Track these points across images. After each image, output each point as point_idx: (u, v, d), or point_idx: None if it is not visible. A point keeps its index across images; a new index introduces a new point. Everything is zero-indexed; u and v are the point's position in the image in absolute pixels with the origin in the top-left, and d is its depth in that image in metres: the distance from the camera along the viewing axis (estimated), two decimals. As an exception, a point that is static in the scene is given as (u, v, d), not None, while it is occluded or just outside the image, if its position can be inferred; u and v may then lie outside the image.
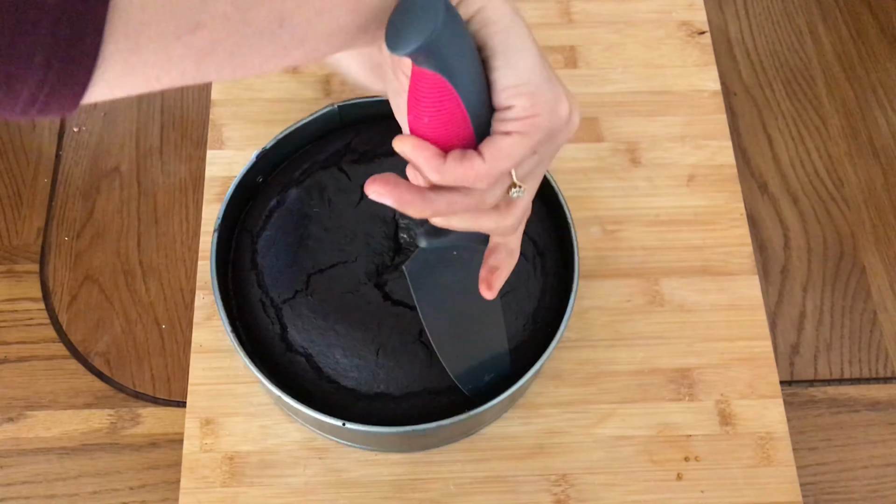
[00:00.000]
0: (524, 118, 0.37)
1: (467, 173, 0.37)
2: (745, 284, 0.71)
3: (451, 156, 0.37)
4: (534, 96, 0.36)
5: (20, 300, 0.71)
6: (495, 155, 0.37)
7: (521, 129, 0.37)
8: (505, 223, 0.41)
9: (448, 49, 0.35)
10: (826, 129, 0.80)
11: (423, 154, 0.38)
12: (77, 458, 0.65)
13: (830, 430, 0.68)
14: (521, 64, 0.36)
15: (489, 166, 0.37)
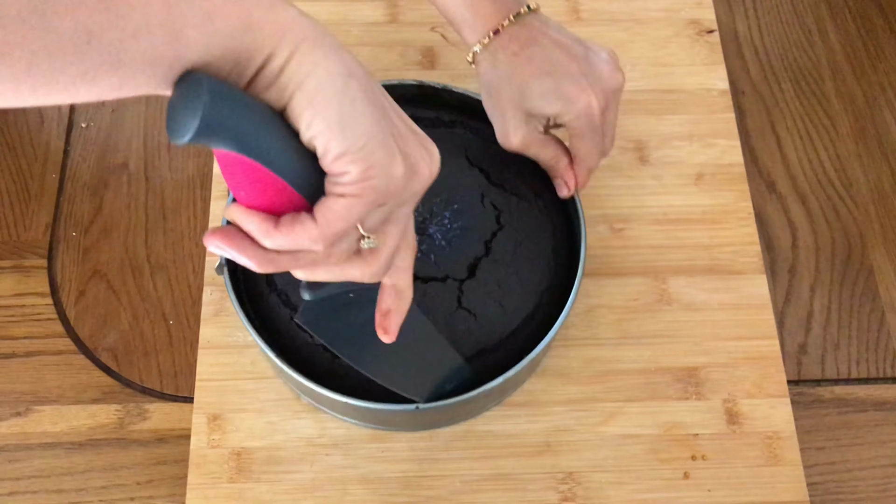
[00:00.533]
0: (357, 182, 0.37)
1: (300, 237, 0.37)
2: (752, 283, 0.71)
3: (283, 221, 0.37)
4: (366, 161, 0.36)
5: (28, 295, 0.71)
6: (328, 217, 0.37)
7: (354, 192, 0.37)
8: (371, 270, 0.41)
9: (236, 126, 0.35)
10: (834, 129, 0.80)
11: (251, 221, 0.37)
12: (85, 453, 0.65)
13: (837, 430, 0.68)
14: (351, 132, 0.36)
15: (321, 229, 0.37)
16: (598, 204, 0.74)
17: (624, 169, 0.76)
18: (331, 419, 0.65)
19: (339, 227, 0.37)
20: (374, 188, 0.37)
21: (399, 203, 0.40)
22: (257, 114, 0.36)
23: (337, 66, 0.36)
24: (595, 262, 0.72)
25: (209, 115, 0.33)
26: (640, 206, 0.74)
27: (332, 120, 0.36)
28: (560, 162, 0.61)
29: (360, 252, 0.40)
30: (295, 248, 0.38)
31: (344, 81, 0.36)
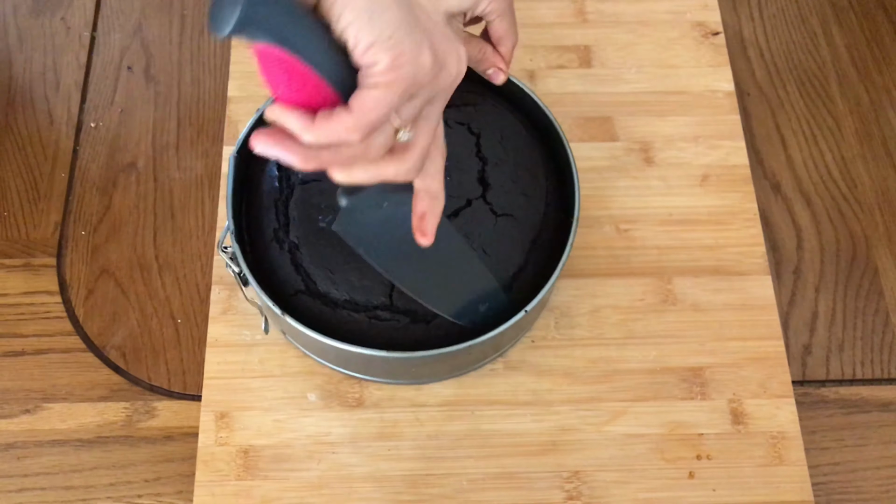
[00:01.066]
0: (387, 71, 0.38)
1: (336, 128, 0.38)
2: (757, 284, 0.72)
3: (320, 114, 0.38)
4: (394, 49, 0.37)
5: (37, 293, 0.71)
6: (361, 108, 0.38)
7: (386, 81, 0.38)
8: (406, 166, 0.42)
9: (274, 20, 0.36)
10: (840, 131, 0.80)
11: (290, 117, 0.38)
12: (93, 451, 0.66)
13: (842, 431, 0.68)
14: (378, 21, 0.37)
15: (356, 119, 0.38)
16: (603, 204, 0.74)
17: (630, 170, 0.76)
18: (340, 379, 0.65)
19: (374, 117, 0.38)
20: (404, 77, 0.38)
21: (429, 97, 0.41)
22: (292, 8, 0.37)
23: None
24: (601, 262, 0.72)
25: (249, 9, 0.35)
26: (645, 207, 0.74)
27: (360, 10, 0.37)
28: (485, 51, 0.61)
29: (394, 149, 0.41)
30: (333, 140, 0.39)
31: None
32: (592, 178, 0.75)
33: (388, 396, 0.66)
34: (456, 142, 0.62)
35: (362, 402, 0.66)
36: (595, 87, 0.79)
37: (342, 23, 0.38)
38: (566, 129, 0.77)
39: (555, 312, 0.70)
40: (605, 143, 0.77)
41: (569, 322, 0.69)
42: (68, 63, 0.82)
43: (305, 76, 0.38)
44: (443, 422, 0.66)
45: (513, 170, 0.62)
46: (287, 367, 0.67)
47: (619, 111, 0.78)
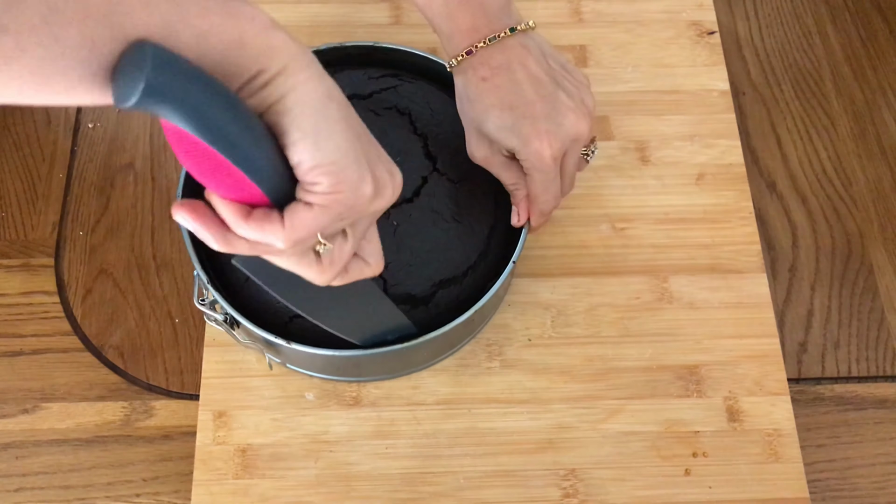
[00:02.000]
0: (326, 194, 0.38)
1: (266, 234, 0.38)
2: (753, 282, 0.72)
3: (255, 214, 0.38)
4: (336, 176, 0.38)
5: (35, 293, 0.72)
6: (295, 224, 0.38)
7: (323, 202, 0.38)
8: (324, 276, 0.43)
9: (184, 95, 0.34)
10: (834, 129, 0.81)
11: (226, 211, 0.38)
12: (91, 450, 0.66)
13: (837, 428, 0.68)
14: (324, 146, 0.37)
15: (287, 232, 0.39)
16: (599, 203, 0.75)
17: (625, 169, 0.76)
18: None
19: (304, 234, 0.39)
20: (341, 202, 0.39)
21: (360, 218, 0.42)
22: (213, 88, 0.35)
23: (319, 87, 0.38)
24: (597, 260, 0.72)
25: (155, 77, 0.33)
26: (641, 206, 0.75)
27: (307, 132, 0.37)
28: (518, 190, 0.61)
29: (318, 256, 0.42)
30: (260, 241, 0.39)
31: (323, 101, 0.38)
32: (588, 178, 0.75)
33: (386, 395, 0.67)
34: (390, 125, 0.63)
35: (360, 401, 0.66)
36: (591, 86, 0.80)
37: (287, 140, 0.37)
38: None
39: (551, 311, 0.70)
40: (601, 142, 0.77)
41: (565, 320, 0.70)
42: (66, 64, 0.82)
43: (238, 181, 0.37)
44: (440, 420, 0.66)
45: (451, 137, 0.62)
46: (284, 366, 0.67)
47: (615, 110, 0.79)
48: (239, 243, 0.39)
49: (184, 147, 0.36)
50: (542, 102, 0.56)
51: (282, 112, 0.37)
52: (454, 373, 0.68)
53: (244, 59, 0.36)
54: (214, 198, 0.39)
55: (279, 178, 0.38)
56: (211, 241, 0.39)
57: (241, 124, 0.36)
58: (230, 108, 0.36)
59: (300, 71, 0.37)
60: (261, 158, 0.37)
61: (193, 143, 0.35)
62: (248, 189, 0.38)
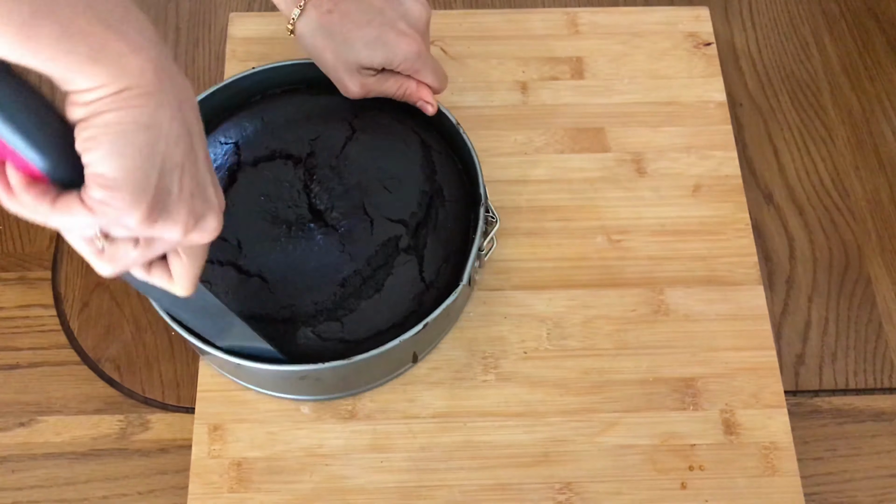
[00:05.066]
0: (95, 201, 0.39)
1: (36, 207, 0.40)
2: (750, 294, 0.72)
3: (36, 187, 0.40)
4: (110, 192, 0.39)
5: (32, 306, 0.72)
6: (61, 207, 0.40)
7: (91, 206, 0.40)
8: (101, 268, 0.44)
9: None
10: (832, 140, 0.81)
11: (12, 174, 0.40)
12: (87, 463, 0.66)
13: (835, 441, 0.68)
14: (111, 162, 0.39)
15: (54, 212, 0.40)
16: (595, 215, 0.75)
17: (622, 181, 0.76)
18: (330, 429, 0.65)
19: (66, 222, 0.40)
20: (106, 214, 0.40)
21: (155, 240, 0.43)
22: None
23: (143, 116, 0.39)
24: (593, 272, 0.72)
25: None
26: (637, 218, 0.75)
27: (102, 144, 0.38)
28: (408, 87, 0.65)
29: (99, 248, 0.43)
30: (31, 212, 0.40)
31: (136, 128, 0.39)
32: (584, 189, 0.76)
33: (381, 409, 0.67)
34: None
35: (355, 415, 0.66)
36: (587, 98, 0.80)
37: (83, 144, 0.39)
38: (558, 140, 0.77)
39: (547, 323, 0.70)
40: (597, 154, 0.77)
41: (561, 333, 0.70)
42: (64, 77, 0.82)
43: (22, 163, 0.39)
44: (435, 433, 0.66)
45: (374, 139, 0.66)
46: (280, 379, 0.67)
47: (611, 122, 0.79)
48: (20, 206, 0.40)
49: None
50: (389, 6, 0.62)
51: (92, 125, 0.38)
52: (449, 386, 0.68)
53: (91, 72, 0.37)
54: (7, 163, 0.40)
55: (60, 161, 0.40)
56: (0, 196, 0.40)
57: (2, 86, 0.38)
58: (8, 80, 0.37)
59: (138, 97, 0.38)
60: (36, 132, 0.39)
61: None
62: (20, 160, 0.39)
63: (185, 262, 0.47)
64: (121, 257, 0.43)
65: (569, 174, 0.76)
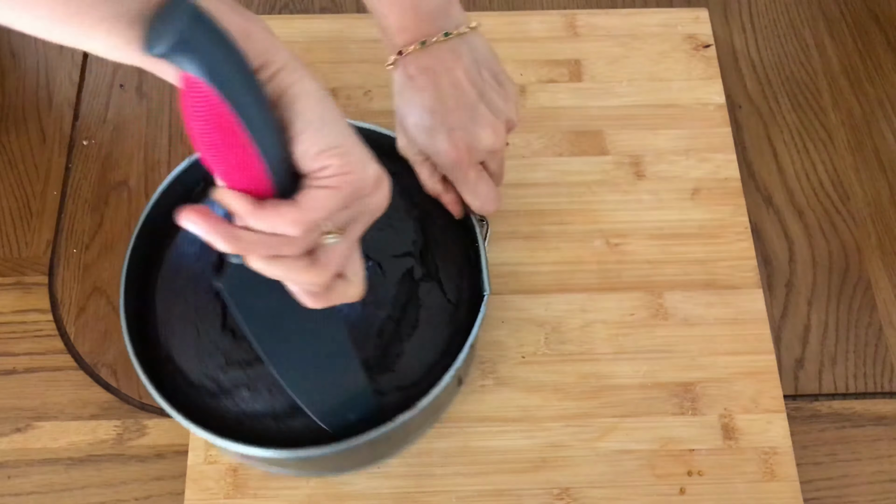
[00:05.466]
0: (337, 175, 0.40)
1: (280, 219, 0.40)
2: (749, 298, 0.71)
3: (268, 203, 0.40)
4: (345, 156, 0.40)
5: (29, 311, 0.72)
6: (309, 204, 0.40)
7: (334, 184, 0.40)
8: (319, 278, 0.43)
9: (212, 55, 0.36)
10: (832, 143, 0.80)
11: (238, 200, 0.40)
12: (84, 469, 0.66)
13: (835, 445, 0.68)
14: (329, 131, 0.40)
15: (302, 214, 0.40)
16: (594, 219, 0.74)
17: (620, 184, 0.76)
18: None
19: (317, 216, 0.40)
20: (349, 183, 0.40)
21: (362, 211, 0.43)
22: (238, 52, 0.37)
23: (316, 83, 0.40)
24: (591, 276, 0.72)
25: (190, 30, 0.35)
26: (636, 221, 0.74)
27: (312, 119, 0.39)
28: (434, 187, 0.61)
29: (316, 256, 0.42)
30: (273, 229, 0.40)
31: (323, 93, 0.40)
32: (582, 193, 0.75)
33: (378, 413, 0.66)
34: None
35: (352, 420, 0.66)
36: (586, 101, 0.80)
37: (292, 130, 0.39)
38: (556, 143, 0.77)
39: (545, 328, 0.70)
40: (596, 157, 0.77)
41: (559, 337, 0.69)
42: (61, 81, 0.82)
43: (250, 158, 0.38)
44: (432, 439, 0.66)
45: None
46: (277, 384, 0.67)
47: (610, 125, 0.78)
48: (249, 239, 0.40)
49: (201, 116, 0.37)
50: (460, 112, 0.57)
51: (287, 103, 0.39)
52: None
53: (252, 50, 0.38)
54: (222, 191, 0.40)
55: (285, 166, 0.40)
56: (220, 243, 0.39)
57: (258, 94, 0.38)
58: (250, 76, 0.38)
59: (298, 69, 0.40)
60: (271, 136, 0.39)
61: (210, 111, 0.37)
62: (256, 173, 0.39)
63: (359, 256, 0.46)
64: (334, 255, 0.43)
65: (567, 177, 0.76)
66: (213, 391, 0.57)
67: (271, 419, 0.56)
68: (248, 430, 0.56)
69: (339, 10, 0.86)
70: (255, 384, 0.56)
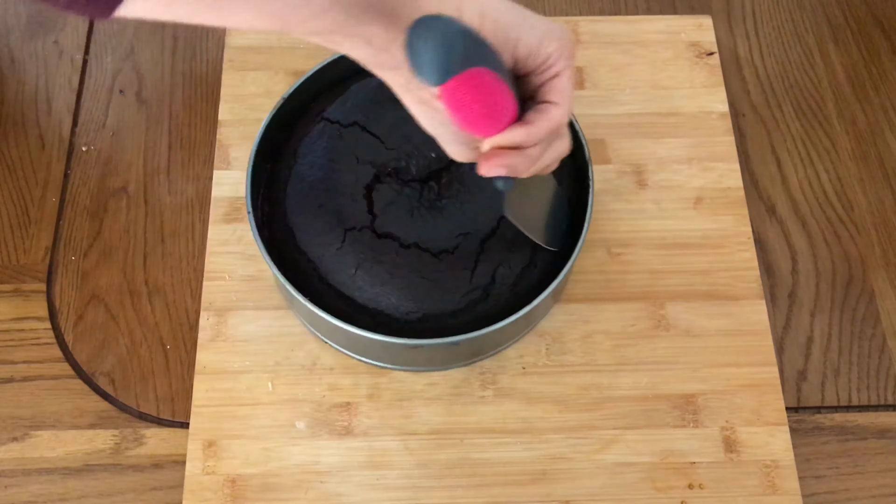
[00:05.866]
0: (563, 54, 0.45)
1: (551, 122, 0.46)
2: (751, 309, 0.71)
3: (532, 118, 0.45)
4: (555, 35, 0.45)
5: (27, 319, 0.71)
6: (565, 93, 0.46)
7: (566, 63, 0.45)
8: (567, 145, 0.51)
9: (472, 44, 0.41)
10: (836, 152, 0.80)
11: (516, 132, 0.45)
12: (81, 479, 0.66)
13: (838, 458, 0.67)
14: (530, 24, 0.44)
15: (565, 105, 0.46)
16: (596, 228, 0.74)
17: (622, 193, 0.75)
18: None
19: (572, 99, 0.46)
20: (572, 53, 0.45)
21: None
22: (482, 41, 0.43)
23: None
24: (593, 286, 0.72)
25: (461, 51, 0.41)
26: (638, 231, 0.74)
27: (516, 22, 0.44)
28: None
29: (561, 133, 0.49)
30: (548, 134, 0.46)
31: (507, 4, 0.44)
32: (584, 202, 0.74)
33: (377, 425, 0.66)
34: None
35: (351, 431, 0.66)
36: (588, 108, 0.79)
37: (511, 43, 0.44)
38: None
39: (546, 338, 0.69)
40: (598, 165, 0.76)
41: (560, 348, 0.69)
42: (60, 86, 0.82)
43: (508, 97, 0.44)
44: (432, 450, 0.65)
45: None
46: (275, 394, 0.67)
47: (613, 133, 0.78)
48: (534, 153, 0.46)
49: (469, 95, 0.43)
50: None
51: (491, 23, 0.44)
52: (447, 402, 0.67)
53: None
54: (501, 136, 0.45)
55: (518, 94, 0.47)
56: (521, 170, 0.47)
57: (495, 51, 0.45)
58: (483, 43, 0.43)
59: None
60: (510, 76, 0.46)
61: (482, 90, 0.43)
62: (513, 109, 0.45)
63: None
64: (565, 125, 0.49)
65: (569, 186, 0.75)
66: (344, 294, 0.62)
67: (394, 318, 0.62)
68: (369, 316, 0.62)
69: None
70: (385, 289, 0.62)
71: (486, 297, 0.61)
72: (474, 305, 0.61)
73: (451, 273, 0.61)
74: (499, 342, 0.67)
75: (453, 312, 0.61)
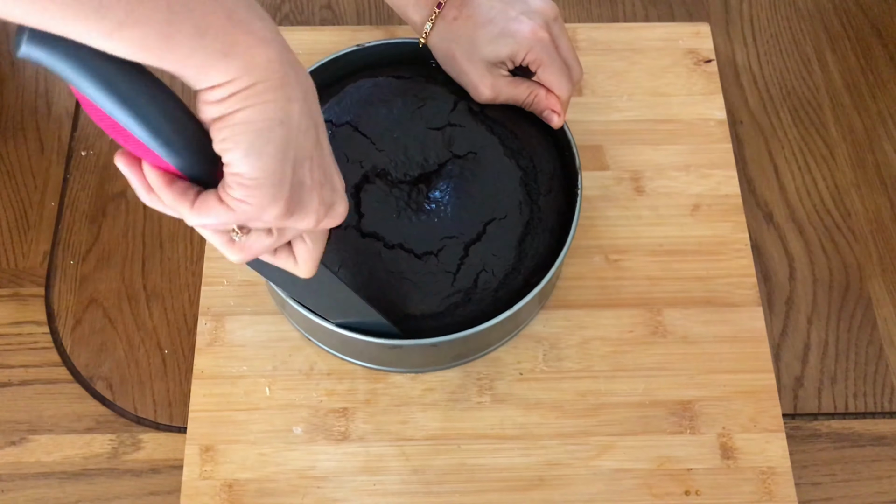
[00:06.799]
0: (237, 200, 0.41)
1: (179, 207, 0.42)
2: (748, 316, 0.71)
3: (177, 185, 0.42)
4: (251, 191, 0.41)
5: (25, 323, 0.71)
6: (202, 209, 0.42)
7: (231, 205, 0.42)
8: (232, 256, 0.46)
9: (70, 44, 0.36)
10: (833, 159, 0.80)
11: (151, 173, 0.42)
12: (78, 483, 0.66)
13: (834, 465, 0.67)
14: (252, 162, 0.40)
15: (195, 213, 0.42)
16: (593, 234, 0.74)
17: (620, 199, 0.76)
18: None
19: (208, 221, 0.43)
20: (245, 212, 0.42)
21: (285, 229, 0.46)
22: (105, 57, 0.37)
23: (276, 112, 0.40)
24: (590, 292, 0.72)
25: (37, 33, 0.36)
26: (635, 237, 0.74)
27: (240, 144, 0.39)
28: (538, 94, 0.64)
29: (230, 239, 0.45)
30: (174, 211, 0.43)
31: (270, 125, 0.40)
32: (582, 208, 0.74)
33: (374, 430, 0.66)
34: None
35: (348, 436, 0.66)
36: (586, 115, 0.79)
37: (222, 145, 0.40)
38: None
39: (543, 344, 0.69)
40: (596, 172, 0.76)
41: (557, 354, 0.69)
42: (60, 91, 0.82)
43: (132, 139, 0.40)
44: (429, 456, 0.65)
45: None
46: (273, 399, 0.67)
47: (610, 140, 0.78)
48: (160, 204, 0.43)
49: (89, 107, 0.39)
50: (511, 6, 0.62)
51: (228, 125, 0.39)
52: (444, 407, 0.67)
53: (224, 67, 0.38)
54: (123, 167, 0.42)
55: (196, 161, 0.41)
56: (140, 193, 0.43)
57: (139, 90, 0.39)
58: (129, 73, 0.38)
59: (268, 91, 0.39)
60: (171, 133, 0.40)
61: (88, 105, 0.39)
62: (157, 158, 0.41)
63: (309, 246, 0.49)
64: (253, 247, 0.46)
65: (566, 192, 0.75)
66: None
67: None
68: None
69: (339, 23, 0.86)
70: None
71: (468, 301, 0.61)
72: (454, 308, 0.61)
73: (433, 276, 0.61)
74: (482, 346, 0.67)
75: (434, 314, 0.61)
